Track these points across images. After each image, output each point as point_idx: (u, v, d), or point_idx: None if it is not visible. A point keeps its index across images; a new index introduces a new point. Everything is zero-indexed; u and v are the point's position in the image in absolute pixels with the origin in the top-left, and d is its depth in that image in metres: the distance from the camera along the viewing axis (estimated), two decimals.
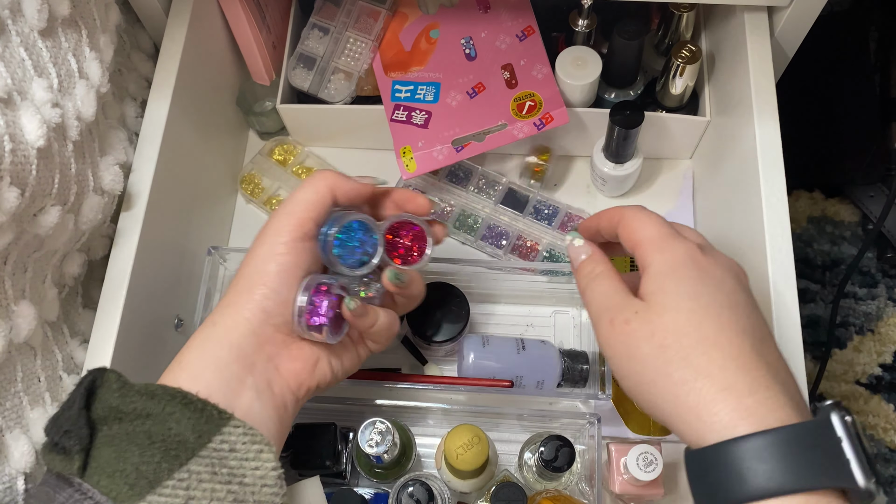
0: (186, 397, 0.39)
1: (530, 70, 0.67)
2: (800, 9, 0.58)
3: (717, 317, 0.38)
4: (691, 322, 0.38)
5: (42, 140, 0.45)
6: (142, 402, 0.39)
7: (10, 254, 0.47)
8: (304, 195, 0.47)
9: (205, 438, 0.38)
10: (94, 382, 0.40)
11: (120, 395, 0.39)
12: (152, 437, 0.38)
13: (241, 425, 0.40)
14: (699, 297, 0.39)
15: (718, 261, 0.42)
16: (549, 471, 0.54)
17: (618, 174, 0.67)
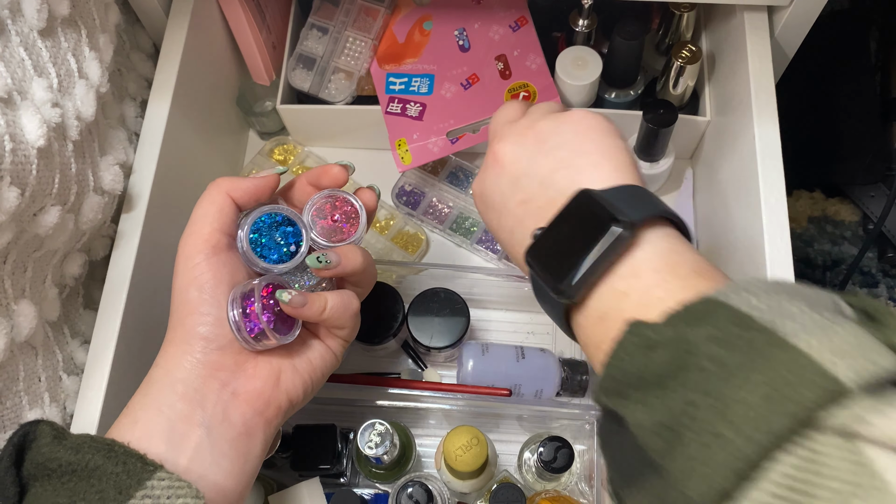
0: (112, 450, 0.37)
1: (524, 60, 0.67)
2: (800, 9, 0.58)
3: (500, 210, 0.44)
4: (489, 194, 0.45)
5: (42, 140, 0.45)
6: (68, 455, 0.37)
7: (10, 253, 0.47)
8: (202, 210, 0.45)
9: (125, 495, 0.36)
10: (26, 437, 0.38)
11: (48, 449, 0.37)
12: (75, 495, 0.36)
13: (167, 477, 0.37)
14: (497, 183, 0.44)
15: (531, 119, 0.45)
16: (549, 471, 0.54)
17: (653, 172, 0.67)
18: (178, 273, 0.44)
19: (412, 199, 0.72)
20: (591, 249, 0.35)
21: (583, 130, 0.42)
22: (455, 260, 0.71)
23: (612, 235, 0.35)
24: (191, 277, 0.43)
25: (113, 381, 0.52)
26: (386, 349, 0.64)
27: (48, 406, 0.51)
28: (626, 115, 0.67)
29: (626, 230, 0.35)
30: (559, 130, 0.42)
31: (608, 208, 0.36)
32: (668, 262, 0.35)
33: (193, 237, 0.44)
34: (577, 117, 0.42)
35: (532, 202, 0.41)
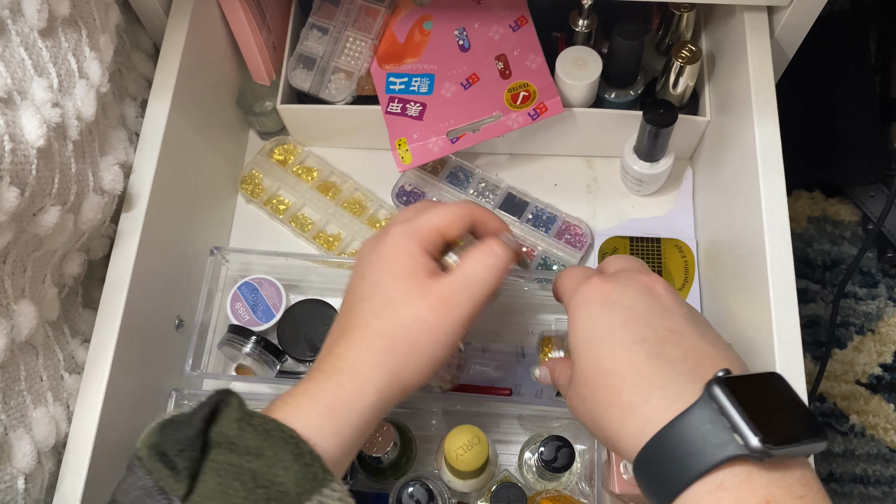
0: (299, 447, 0.38)
1: (524, 60, 0.67)
2: (800, 9, 0.58)
3: (610, 341, 0.41)
4: (590, 363, 0.41)
5: (42, 140, 0.45)
6: (257, 439, 0.38)
7: (10, 253, 0.47)
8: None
9: (304, 497, 0.37)
10: (219, 405, 0.40)
11: (238, 426, 0.39)
12: (258, 479, 0.37)
13: (339, 490, 0.38)
14: (594, 332, 0.42)
15: (619, 282, 0.43)
16: (549, 471, 0.54)
17: (654, 172, 0.67)
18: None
19: (412, 198, 0.72)
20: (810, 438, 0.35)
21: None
22: None
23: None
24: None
25: (113, 381, 0.52)
26: None
27: (52, 405, 0.51)
28: (626, 115, 0.67)
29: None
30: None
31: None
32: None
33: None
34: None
35: (698, 354, 0.40)
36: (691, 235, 0.70)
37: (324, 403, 0.41)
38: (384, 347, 0.43)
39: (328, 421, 0.41)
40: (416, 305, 0.44)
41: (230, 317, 0.65)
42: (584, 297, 0.43)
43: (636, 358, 0.39)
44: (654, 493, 0.37)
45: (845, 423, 0.94)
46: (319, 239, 0.71)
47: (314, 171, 0.74)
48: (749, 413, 0.34)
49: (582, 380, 0.42)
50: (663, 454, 0.36)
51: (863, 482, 0.92)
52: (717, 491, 0.34)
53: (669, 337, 0.40)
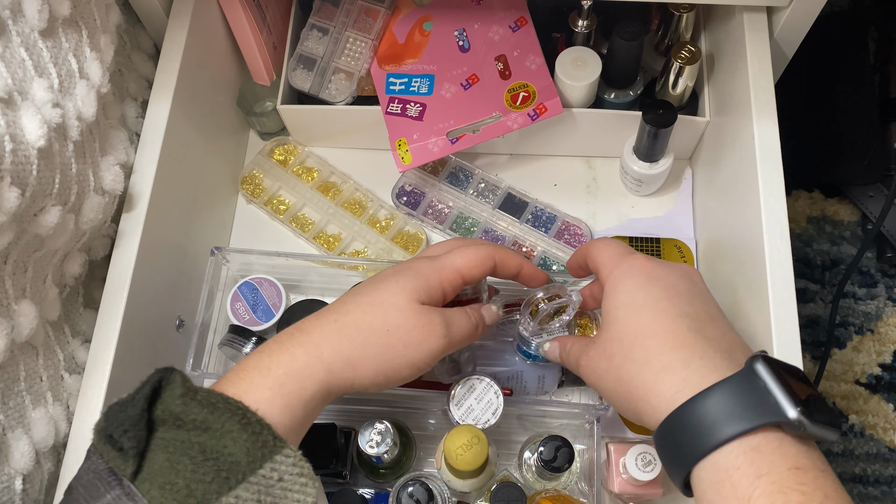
0: (245, 417, 0.39)
1: (524, 61, 0.67)
2: (799, 9, 0.58)
3: (653, 308, 0.42)
4: (629, 323, 0.43)
5: (42, 140, 0.45)
6: (203, 413, 0.39)
7: (11, 253, 0.47)
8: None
9: (256, 464, 0.38)
10: (161, 382, 0.40)
11: (182, 402, 0.39)
12: (206, 452, 0.38)
13: (293, 455, 0.39)
14: (636, 299, 0.43)
15: (663, 263, 0.46)
16: (549, 471, 0.54)
17: (653, 172, 0.67)
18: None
19: (412, 198, 0.72)
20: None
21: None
22: None
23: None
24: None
25: (114, 380, 0.52)
26: None
27: (51, 405, 0.51)
28: (625, 115, 0.67)
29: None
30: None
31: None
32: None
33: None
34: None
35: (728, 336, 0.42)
36: (690, 235, 0.70)
37: (274, 377, 0.42)
38: (354, 337, 0.44)
39: (277, 395, 0.41)
40: (408, 318, 0.46)
41: (230, 317, 0.65)
42: (631, 267, 0.45)
43: (678, 328, 0.41)
44: (681, 453, 0.38)
45: (845, 423, 0.94)
46: (320, 239, 0.71)
47: (314, 171, 0.74)
48: (787, 388, 0.36)
49: (615, 339, 0.43)
50: (699, 416, 0.37)
51: (862, 482, 0.92)
52: (752, 452, 0.36)
53: (708, 319, 0.42)
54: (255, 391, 0.41)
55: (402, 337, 0.45)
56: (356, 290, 0.48)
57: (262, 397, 0.40)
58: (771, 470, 0.35)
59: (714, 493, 0.36)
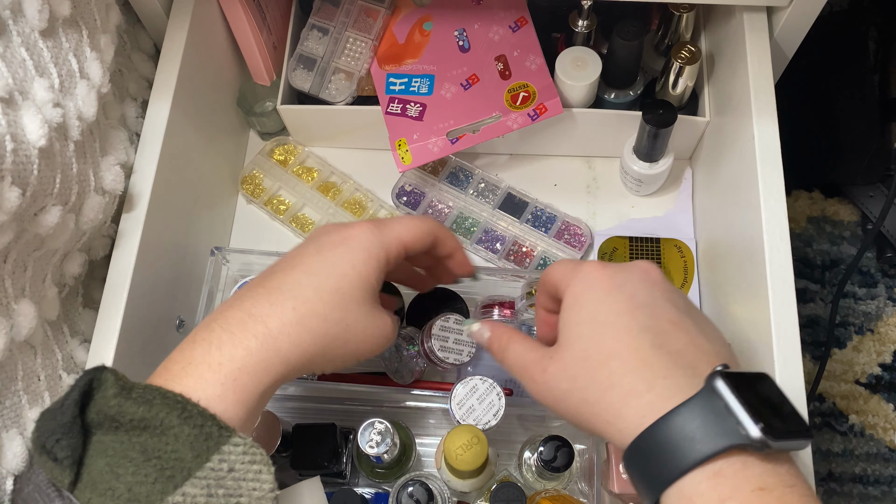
0: (186, 410, 0.37)
1: (524, 61, 0.67)
2: (799, 9, 0.58)
3: (615, 325, 0.40)
4: (591, 343, 0.41)
5: (43, 140, 0.45)
6: (139, 410, 0.37)
7: (10, 252, 0.47)
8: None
9: (203, 458, 0.36)
10: (91, 384, 0.38)
11: (116, 402, 0.37)
12: (147, 452, 0.36)
13: (242, 443, 0.37)
14: (598, 314, 0.41)
15: (620, 269, 0.43)
16: (549, 471, 0.54)
17: (653, 172, 0.67)
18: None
19: (412, 199, 0.72)
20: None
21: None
22: None
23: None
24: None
25: None
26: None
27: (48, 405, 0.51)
28: (625, 115, 0.67)
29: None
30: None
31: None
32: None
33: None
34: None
35: (702, 341, 0.41)
36: (690, 235, 0.70)
37: (226, 373, 0.39)
38: (314, 330, 0.42)
39: (230, 391, 0.39)
40: (366, 315, 0.44)
41: None
42: (587, 278, 0.43)
43: (640, 345, 0.39)
44: (648, 478, 0.37)
45: (844, 423, 0.94)
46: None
47: (314, 171, 0.74)
48: (749, 405, 0.35)
49: (580, 358, 0.41)
50: (663, 441, 0.36)
51: (862, 482, 0.92)
52: (715, 478, 0.35)
53: (671, 329, 0.40)
54: (205, 387, 0.38)
55: (357, 334, 0.44)
56: (308, 266, 0.44)
57: (212, 394, 0.38)
58: (734, 494, 0.34)
59: None
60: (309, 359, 0.42)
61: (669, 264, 0.68)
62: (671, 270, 0.68)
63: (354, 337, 0.44)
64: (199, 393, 0.38)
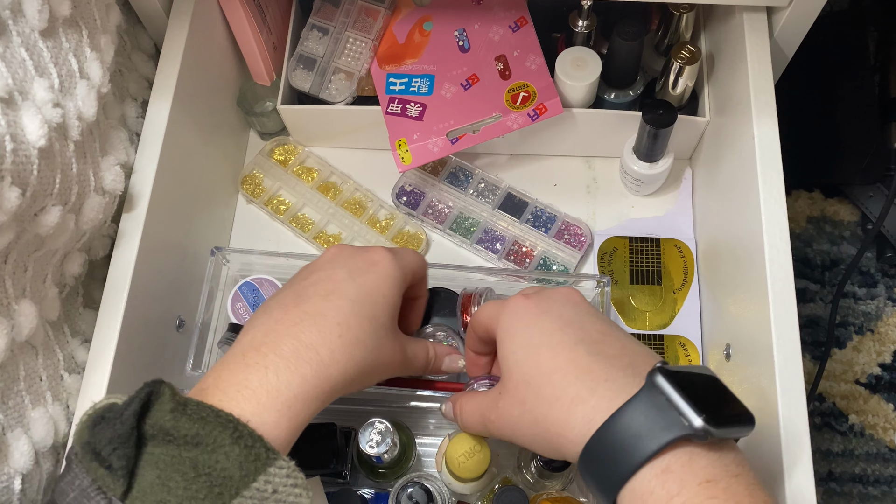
0: (237, 430, 0.38)
1: (524, 61, 0.67)
2: (799, 9, 0.58)
3: (549, 343, 0.42)
4: (530, 365, 0.42)
5: (43, 140, 0.45)
6: (193, 427, 0.38)
7: (11, 253, 0.47)
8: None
9: (250, 478, 0.37)
10: (150, 396, 0.39)
11: (172, 416, 0.38)
12: (198, 468, 0.37)
13: (286, 466, 0.39)
14: (531, 338, 0.43)
15: (543, 296, 0.45)
16: (548, 471, 0.54)
17: (653, 172, 0.67)
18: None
19: (412, 199, 0.72)
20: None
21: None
22: (455, 260, 0.71)
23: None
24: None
25: (114, 381, 0.52)
26: None
27: (51, 405, 0.51)
28: (625, 115, 0.67)
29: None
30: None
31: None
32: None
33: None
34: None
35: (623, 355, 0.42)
36: (690, 235, 0.70)
37: (283, 399, 0.41)
38: (356, 357, 0.44)
39: (285, 417, 0.41)
40: (391, 341, 0.47)
41: (231, 317, 0.65)
42: (515, 310, 0.45)
43: (577, 356, 0.41)
44: (601, 483, 0.38)
45: (844, 423, 0.94)
46: (320, 239, 0.71)
47: (314, 171, 0.74)
48: (689, 397, 0.36)
49: (522, 382, 0.42)
50: (610, 443, 0.37)
51: (862, 482, 0.92)
52: (663, 475, 0.36)
53: (602, 338, 0.42)
54: (262, 412, 0.40)
55: (383, 360, 0.47)
56: (343, 292, 0.46)
57: (268, 419, 0.40)
58: (681, 489, 0.35)
59: None
60: (350, 383, 0.44)
61: (669, 264, 0.68)
62: (671, 270, 0.68)
63: (383, 363, 0.47)
64: (257, 418, 0.39)
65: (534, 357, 0.42)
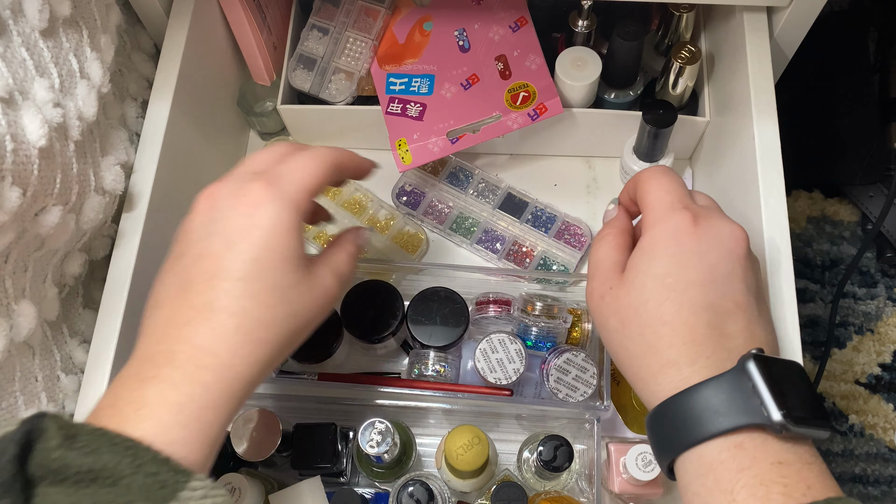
0: (137, 457, 0.33)
1: (524, 61, 0.67)
2: (799, 9, 0.58)
3: (681, 296, 0.41)
4: (651, 301, 0.41)
5: (43, 140, 0.45)
6: (86, 460, 0.33)
7: (11, 253, 0.47)
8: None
9: None
10: (30, 435, 0.34)
11: (59, 454, 0.33)
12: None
13: (202, 486, 0.34)
14: (665, 277, 0.41)
15: (710, 232, 0.42)
16: (548, 470, 0.54)
17: None
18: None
19: (412, 199, 0.72)
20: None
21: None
22: (455, 260, 0.71)
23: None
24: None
25: None
26: (385, 348, 0.64)
27: (45, 406, 0.51)
28: (625, 115, 0.67)
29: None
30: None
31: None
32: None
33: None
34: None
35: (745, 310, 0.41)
36: None
37: (187, 413, 0.36)
38: (267, 339, 0.39)
39: (194, 432, 0.36)
40: (307, 292, 0.41)
41: None
42: (675, 232, 0.42)
43: (697, 322, 0.40)
44: (667, 441, 0.39)
45: (844, 423, 0.94)
46: (319, 239, 0.71)
47: None
48: (775, 390, 0.37)
49: (634, 308, 0.41)
50: (687, 409, 0.38)
51: (862, 482, 0.92)
52: (735, 448, 0.37)
53: (734, 310, 0.41)
54: (166, 431, 0.35)
55: (306, 315, 0.41)
56: (225, 270, 0.39)
57: (174, 438, 0.35)
58: (753, 464, 0.36)
59: (698, 485, 0.37)
60: (268, 364, 0.40)
61: None
62: None
63: (304, 318, 0.41)
64: (162, 437, 0.35)
65: (659, 298, 0.41)
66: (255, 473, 0.58)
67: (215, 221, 0.41)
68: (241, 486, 0.54)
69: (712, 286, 0.41)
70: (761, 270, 0.54)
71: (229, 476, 0.55)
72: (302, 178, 0.42)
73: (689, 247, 0.41)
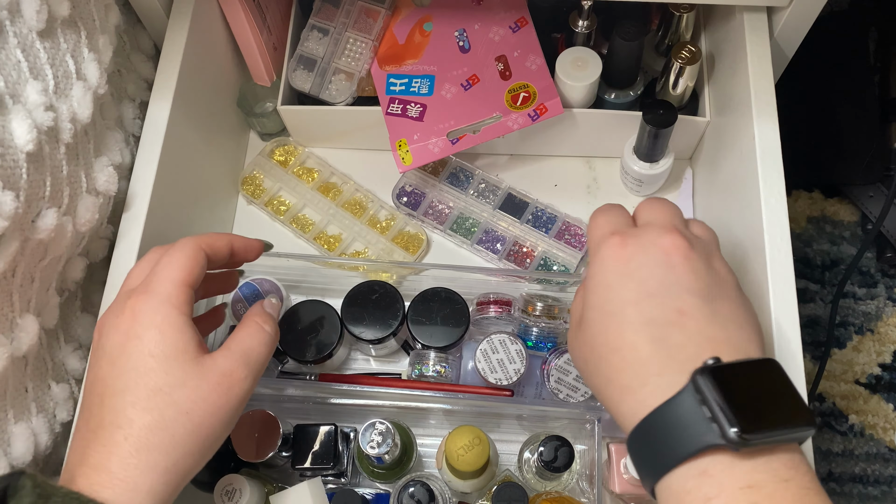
0: None
1: (524, 61, 0.67)
2: (799, 9, 0.58)
3: (619, 317, 0.40)
4: (599, 333, 0.41)
5: (31, 145, 0.44)
6: None
7: (18, 266, 0.47)
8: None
9: None
10: (6, 491, 0.35)
11: None
12: None
13: None
14: (605, 305, 0.41)
15: (638, 249, 0.41)
16: (549, 471, 0.54)
17: (654, 173, 0.67)
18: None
19: (413, 199, 0.72)
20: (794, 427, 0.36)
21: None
22: (455, 260, 0.71)
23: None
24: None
25: None
26: (386, 349, 0.64)
27: (35, 417, 0.50)
28: (625, 115, 0.67)
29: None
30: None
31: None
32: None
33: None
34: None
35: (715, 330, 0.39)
36: None
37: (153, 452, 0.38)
38: (159, 444, 0.39)
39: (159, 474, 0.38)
40: (198, 387, 0.41)
41: (231, 317, 0.65)
42: (604, 260, 0.42)
43: (640, 341, 0.39)
44: (641, 470, 0.38)
45: (844, 423, 0.94)
46: (320, 240, 0.71)
47: (315, 172, 0.74)
48: (730, 403, 0.34)
49: (588, 343, 0.42)
50: (651, 437, 0.37)
51: (862, 482, 0.92)
52: (700, 476, 0.35)
53: (677, 319, 0.39)
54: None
55: (205, 409, 0.41)
56: (111, 387, 0.41)
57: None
58: (720, 492, 0.34)
59: None
60: (175, 470, 0.40)
61: None
62: None
63: (203, 414, 0.41)
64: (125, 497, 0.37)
65: (603, 326, 0.41)
66: (255, 474, 0.58)
67: (102, 346, 0.42)
68: (241, 487, 0.54)
69: (648, 300, 0.40)
70: (744, 268, 0.54)
71: (230, 477, 0.54)
72: (170, 274, 0.43)
73: (618, 270, 0.41)
